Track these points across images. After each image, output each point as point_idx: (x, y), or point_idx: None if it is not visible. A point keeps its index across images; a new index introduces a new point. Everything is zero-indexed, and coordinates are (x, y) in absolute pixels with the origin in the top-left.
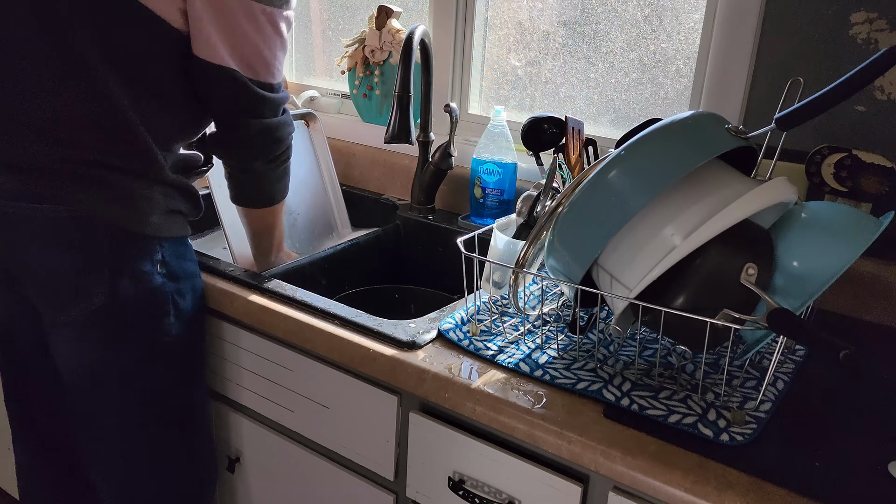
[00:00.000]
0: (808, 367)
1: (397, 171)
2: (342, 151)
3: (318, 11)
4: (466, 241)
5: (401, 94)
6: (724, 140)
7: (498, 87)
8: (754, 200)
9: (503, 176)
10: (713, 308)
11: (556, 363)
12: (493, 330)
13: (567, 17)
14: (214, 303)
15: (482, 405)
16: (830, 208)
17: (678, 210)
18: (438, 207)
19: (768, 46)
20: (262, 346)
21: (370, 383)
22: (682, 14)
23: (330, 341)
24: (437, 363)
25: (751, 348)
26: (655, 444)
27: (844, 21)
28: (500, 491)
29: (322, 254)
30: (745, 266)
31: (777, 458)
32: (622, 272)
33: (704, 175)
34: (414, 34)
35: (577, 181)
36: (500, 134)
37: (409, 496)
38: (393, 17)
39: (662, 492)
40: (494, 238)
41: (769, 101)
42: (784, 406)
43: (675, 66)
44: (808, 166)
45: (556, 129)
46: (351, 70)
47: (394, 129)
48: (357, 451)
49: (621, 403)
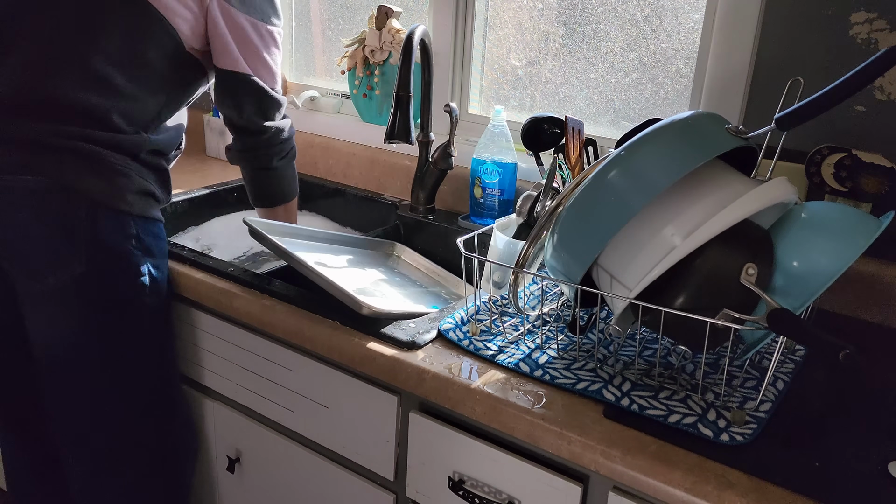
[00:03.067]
0: (808, 367)
1: (397, 171)
2: (342, 151)
3: (318, 11)
4: (466, 241)
5: (401, 94)
6: (724, 140)
7: (498, 87)
8: (754, 200)
9: (503, 176)
10: (713, 308)
11: (556, 363)
12: (493, 330)
13: (567, 17)
14: (214, 302)
15: (482, 405)
16: (830, 208)
17: (678, 210)
18: (438, 207)
19: (768, 46)
20: (262, 346)
21: (370, 383)
22: (682, 14)
23: (330, 341)
24: (437, 363)
25: (751, 348)
26: (655, 444)
27: (844, 21)
28: (500, 491)
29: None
30: (745, 266)
31: (777, 458)
32: (622, 272)
33: (704, 175)
34: (414, 34)
35: (577, 181)
36: (500, 134)
37: (409, 496)
38: (393, 17)
39: (662, 492)
40: (494, 238)
41: (769, 101)
42: (784, 406)
43: (675, 66)
44: (808, 166)
45: (556, 129)
46: (351, 70)
47: (394, 129)
48: (357, 451)
49: (621, 403)
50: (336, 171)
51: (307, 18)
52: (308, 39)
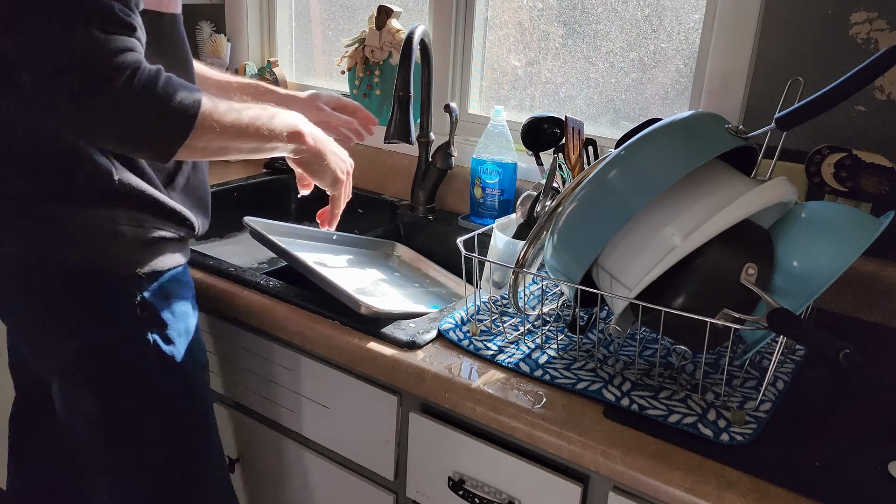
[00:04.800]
0: (808, 367)
1: (397, 171)
2: None
3: (318, 11)
4: (466, 241)
5: (401, 94)
6: (724, 140)
7: (498, 87)
8: (754, 200)
9: (503, 176)
10: (713, 308)
11: (556, 363)
12: (493, 330)
13: (567, 17)
14: (214, 302)
15: (482, 405)
16: (830, 208)
17: (678, 210)
18: (438, 207)
19: (768, 46)
20: (262, 345)
21: (370, 383)
22: (682, 14)
23: (330, 341)
24: (437, 363)
25: (751, 348)
26: (655, 444)
27: (844, 21)
28: (500, 491)
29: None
30: (745, 266)
31: (777, 458)
32: (622, 272)
33: (704, 175)
34: (414, 34)
35: (577, 181)
36: (500, 134)
37: (409, 496)
38: (393, 17)
39: (662, 492)
40: (494, 238)
41: (769, 101)
42: (784, 406)
43: (675, 65)
44: (808, 166)
45: (556, 129)
46: (351, 70)
47: (394, 129)
48: (357, 451)
49: (621, 403)
50: None
51: (307, 18)
52: (308, 39)
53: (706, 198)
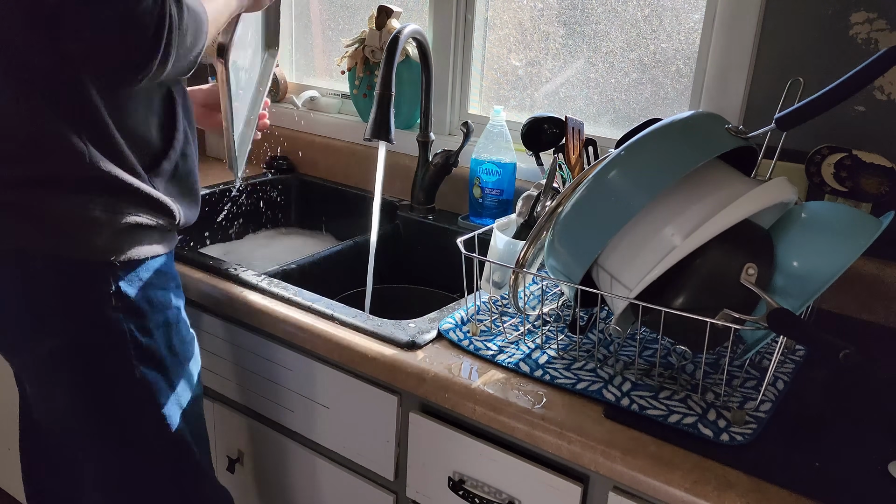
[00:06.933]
0: (808, 368)
1: (397, 171)
2: (342, 151)
3: (318, 11)
4: (466, 241)
5: (382, 93)
6: (724, 140)
7: (498, 87)
8: (754, 200)
9: (502, 176)
10: (713, 308)
11: (556, 363)
12: (493, 330)
13: (567, 17)
14: (215, 303)
15: (482, 405)
16: (830, 208)
17: (678, 210)
18: (438, 207)
19: (768, 46)
20: (263, 346)
21: (370, 383)
22: (682, 14)
23: (330, 342)
24: (437, 363)
25: (751, 348)
26: (655, 444)
27: (844, 21)
28: (500, 491)
29: (323, 254)
30: (745, 266)
31: (777, 458)
32: (622, 272)
33: (704, 175)
34: (401, 33)
35: (577, 181)
36: (500, 134)
37: (409, 496)
38: (393, 17)
39: (662, 492)
40: (494, 238)
41: (769, 101)
42: (784, 406)
43: (675, 66)
44: (808, 166)
45: (556, 129)
46: (351, 70)
47: (372, 128)
48: (357, 451)
49: (621, 403)
50: (336, 170)
51: (307, 18)
52: (308, 39)
53: (706, 198)
